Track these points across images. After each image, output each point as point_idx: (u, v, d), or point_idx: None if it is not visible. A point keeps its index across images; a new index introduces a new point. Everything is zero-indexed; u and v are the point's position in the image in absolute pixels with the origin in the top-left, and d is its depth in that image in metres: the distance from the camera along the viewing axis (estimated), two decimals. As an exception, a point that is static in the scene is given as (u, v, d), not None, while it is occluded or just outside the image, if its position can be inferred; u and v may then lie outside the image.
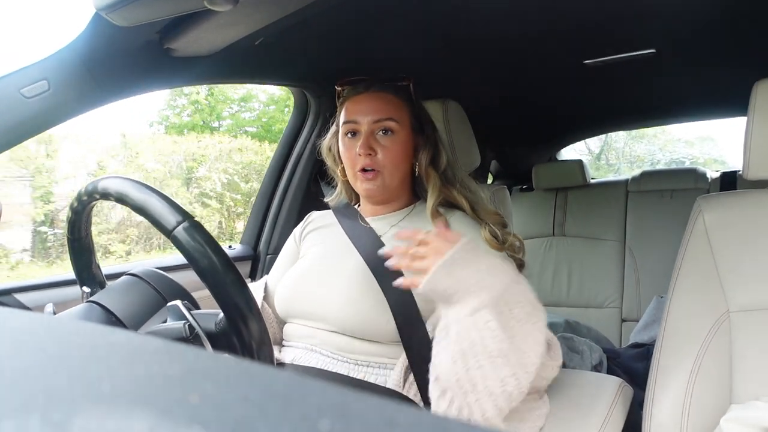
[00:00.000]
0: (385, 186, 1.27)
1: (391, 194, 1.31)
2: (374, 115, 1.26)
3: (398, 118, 1.27)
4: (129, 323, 0.90)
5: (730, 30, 1.62)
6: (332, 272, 1.26)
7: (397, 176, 1.28)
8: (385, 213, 1.34)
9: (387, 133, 1.26)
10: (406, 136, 1.28)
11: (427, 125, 1.34)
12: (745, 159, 1.22)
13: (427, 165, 1.30)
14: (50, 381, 0.26)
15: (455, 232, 1.06)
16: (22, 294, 1.33)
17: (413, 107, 1.33)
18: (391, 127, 1.26)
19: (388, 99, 1.29)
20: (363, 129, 1.26)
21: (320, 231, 1.43)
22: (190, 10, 1.04)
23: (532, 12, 1.46)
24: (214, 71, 1.51)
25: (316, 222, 1.47)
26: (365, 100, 1.29)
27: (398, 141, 1.26)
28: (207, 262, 0.78)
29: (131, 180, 0.84)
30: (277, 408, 0.23)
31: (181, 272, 1.55)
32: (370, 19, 1.45)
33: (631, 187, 3.09)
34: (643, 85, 2.32)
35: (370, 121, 1.26)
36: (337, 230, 1.36)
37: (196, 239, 0.78)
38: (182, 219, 0.79)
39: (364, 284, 1.19)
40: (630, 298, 2.91)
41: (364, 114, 1.26)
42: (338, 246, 1.32)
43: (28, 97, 1.12)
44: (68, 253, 0.99)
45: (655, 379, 1.22)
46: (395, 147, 1.26)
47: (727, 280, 1.21)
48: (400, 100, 1.30)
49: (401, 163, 1.28)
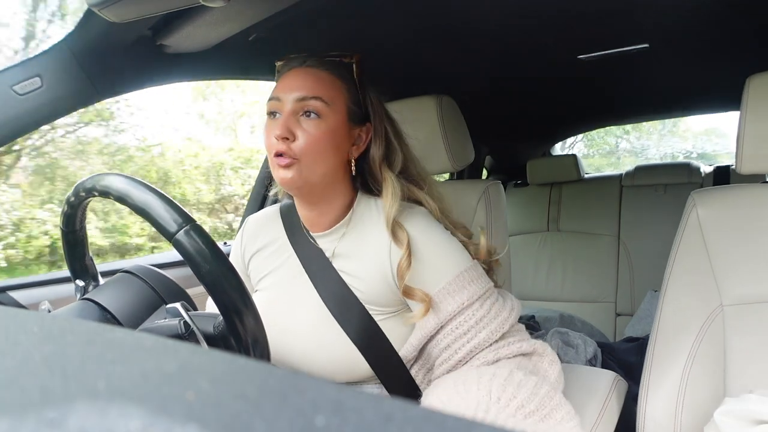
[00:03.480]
0: (303, 178, 1.05)
1: (321, 192, 1.12)
2: (299, 92, 1.05)
3: (328, 99, 1.06)
4: (124, 320, 0.90)
5: (723, 24, 1.63)
6: (292, 319, 1.14)
7: (319, 170, 1.07)
8: (327, 228, 1.16)
9: (310, 116, 1.05)
10: (336, 122, 1.07)
11: (376, 115, 1.15)
12: (738, 153, 1.22)
13: (380, 162, 1.14)
14: (45, 379, 0.26)
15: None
16: (17, 291, 1.33)
17: (355, 91, 1.12)
18: (317, 108, 1.05)
19: (321, 76, 1.08)
20: (285, 108, 1.06)
21: (268, 252, 1.24)
22: (183, 7, 1.04)
23: (526, 6, 1.45)
24: (208, 67, 1.51)
25: (257, 236, 1.28)
26: (293, 76, 1.08)
27: (324, 127, 1.05)
28: (209, 267, 0.77)
29: (133, 179, 0.82)
30: (272, 404, 0.23)
31: (175, 269, 1.55)
32: (362, 14, 1.44)
33: (625, 182, 3.11)
34: (637, 79, 2.32)
35: (293, 99, 1.05)
36: (284, 249, 1.21)
37: (199, 244, 0.78)
38: (184, 223, 0.78)
39: (327, 329, 1.09)
40: (624, 293, 2.93)
41: (288, 90, 1.06)
42: (292, 277, 1.17)
43: (20, 94, 1.12)
44: (62, 246, 0.98)
45: (649, 372, 1.22)
46: (319, 133, 1.05)
47: (721, 273, 1.21)
48: (337, 80, 1.10)
49: (325, 154, 1.06)
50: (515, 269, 3.06)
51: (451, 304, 1.05)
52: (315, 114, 1.05)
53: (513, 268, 2.53)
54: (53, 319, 0.38)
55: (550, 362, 1.05)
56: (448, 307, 1.05)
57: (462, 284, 1.06)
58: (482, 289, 1.07)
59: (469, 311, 1.04)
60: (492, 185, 1.64)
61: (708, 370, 1.18)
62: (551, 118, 3.09)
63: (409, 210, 1.13)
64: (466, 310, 1.04)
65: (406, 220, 1.10)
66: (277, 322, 1.11)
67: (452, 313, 1.04)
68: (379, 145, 1.14)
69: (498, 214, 1.60)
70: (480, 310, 1.05)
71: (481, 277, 1.10)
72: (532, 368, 1.03)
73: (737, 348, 1.17)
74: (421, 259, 1.07)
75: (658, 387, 1.20)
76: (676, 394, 1.17)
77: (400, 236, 1.07)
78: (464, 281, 1.06)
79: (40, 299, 1.02)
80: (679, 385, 1.17)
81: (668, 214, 2.70)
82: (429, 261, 1.08)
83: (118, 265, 1.52)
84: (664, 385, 1.19)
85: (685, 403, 1.16)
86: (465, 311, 1.04)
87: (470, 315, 1.04)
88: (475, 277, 1.08)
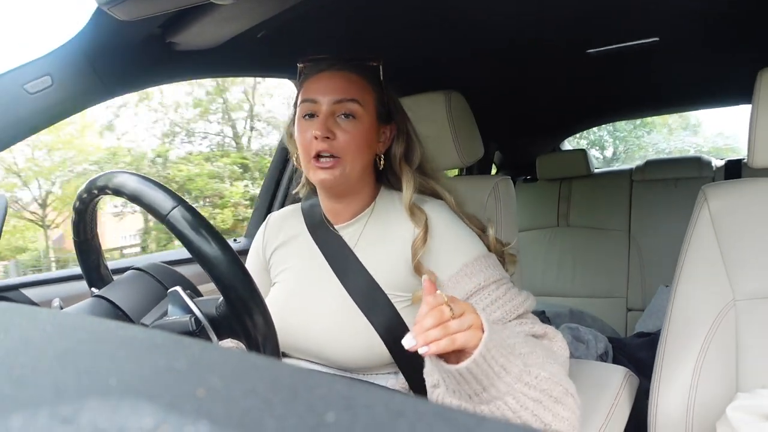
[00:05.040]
0: (345, 176, 1.11)
1: (351, 187, 1.17)
2: (335, 94, 1.10)
3: (362, 101, 1.12)
4: (135, 317, 0.90)
5: (733, 18, 1.61)
6: (314, 306, 1.17)
7: (358, 166, 1.13)
8: (349, 218, 1.21)
9: (348, 117, 1.11)
10: (370, 122, 1.14)
11: (397, 114, 1.21)
12: (750, 147, 1.21)
13: (400, 159, 1.20)
14: (58, 376, 0.26)
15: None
16: (29, 289, 1.34)
17: (381, 92, 1.18)
18: (354, 110, 1.11)
19: (353, 79, 1.14)
20: (322, 110, 1.10)
21: (289, 247, 1.29)
22: (192, 4, 1.04)
23: (535, 1, 1.45)
24: (217, 65, 1.51)
25: (279, 231, 1.33)
26: (326, 78, 1.13)
27: (361, 126, 1.11)
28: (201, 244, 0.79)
29: (126, 172, 0.86)
30: (283, 400, 0.23)
31: (186, 266, 1.55)
32: (372, 10, 1.44)
33: (636, 177, 3.09)
34: (646, 73, 2.31)
35: (330, 101, 1.10)
36: (306, 244, 1.24)
37: (190, 221, 0.79)
38: (176, 204, 0.80)
39: (349, 316, 1.12)
40: (635, 288, 2.91)
41: (323, 93, 1.11)
42: (313, 269, 1.21)
43: (31, 92, 1.13)
44: (76, 255, 1.00)
45: (660, 368, 1.22)
46: (357, 133, 1.11)
47: (733, 268, 1.21)
48: (366, 83, 1.15)
49: (364, 151, 1.13)
50: (525, 265, 3.05)
51: (468, 284, 1.07)
52: (352, 116, 1.11)
53: (523, 264, 2.52)
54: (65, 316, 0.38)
55: (559, 346, 1.06)
56: (465, 287, 1.07)
57: (479, 268, 1.09)
58: (498, 275, 1.10)
59: (485, 292, 1.07)
60: (501, 181, 1.63)
61: (720, 365, 1.17)
62: (560, 113, 3.08)
63: (428, 200, 1.19)
64: (482, 291, 1.07)
65: (425, 206, 1.16)
66: (298, 311, 1.17)
67: (469, 292, 1.06)
68: (401, 142, 1.20)
69: (508, 210, 1.59)
70: (495, 293, 1.07)
71: (497, 265, 1.13)
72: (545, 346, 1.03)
73: (750, 343, 1.17)
74: (438, 240, 1.12)
75: (669, 382, 1.19)
76: (688, 390, 1.17)
77: (419, 215, 1.13)
78: (481, 266, 1.09)
79: (52, 297, 1.02)
80: (690, 380, 1.17)
81: (679, 209, 2.68)
82: (446, 243, 1.12)
83: (129, 262, 1.52)
84: (676, 380, 1.19)
85: (697, 398, 1.16)
86: (480, 292, 1.07)
87: (485, 296, 1.06)
88: (492, 264, 1.11)
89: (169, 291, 0.91)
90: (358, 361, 1.12)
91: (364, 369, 1.14)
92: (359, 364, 1.13)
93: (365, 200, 1.22)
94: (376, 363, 1.12)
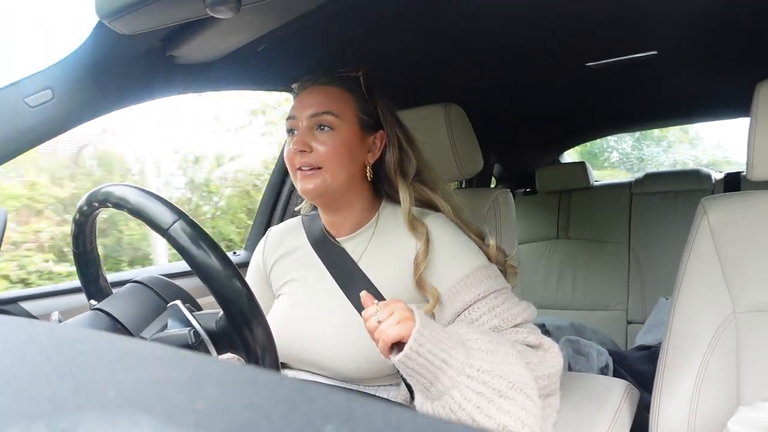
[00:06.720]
0: (327, 185, 1.13)
1: (342, 198, 1.19)
2: (311, 108, 1.14)
3: (339, 112, 1.15)
4: (135, 331, 0.90)
5: (732, 31, 1.62)
6: (317, 317, 1.18)
7: (342, 176, 1.14)
8: (351, 231, 1.23)
9: (324, 129, 1.14)
10: (349, 132, 1.16)
11: (387, 123, 1.22)
12: (749, 160, 1.21)
13: (394, 168, 1.21)
14: (56, 388, 0.26)
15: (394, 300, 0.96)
16: (28, 302, 1.33)
17: (364, 101, 1.20)
18: (329, 121, 1.14)
19: (331, 92, 1.17)
20: (299, 125, 1.15)
21: (291, 258, 1.31)
22: (193, 18, 1.05)
23: (534, 14, 1.45)
24: (217, 78, 1.51)
25: (280, 244, 1.34)
26: (306, 95, 1.17)
27: (338, 137, 1.14)
28: (202, 258, 0.79)
29: (127, 185, 0.86)
30: (282, 413, 0.23)
31: (185, 279, 1.55)
32: (371, 24, 1.45)
33: (635, 189, 3.09)
34: (646, 86, 2.31)
35: (307, 116, 1.14)
36: (307, 257, 1.26)
37: (191, 235, 0.79)
38: (177, 217, 0.81)
39: (353, 327, 1.11)
40: (635, 300, 2.91)
41: (301, 109, 1.16)
42: (317, 280, 1.22)
43: (32, 106, 1.13)
44: (75, 267, 0.99)
45: (661, 381, 1.21)
46: (334, 143, 1.13)
47: (733, 281, 1.20)
48: (346, 93, 1.18)
49: (345, 161, 1.15)
50: (525, 277, 3.05)
51: (468, 295, 1.08)
52: (328, 127, 1.14)
53: (523, 277, 2.53)
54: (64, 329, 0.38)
55: (553, 357, 1.07)
56: (465, 298, 1.08)
57: (479, 279, 1.10)
58: (498, 285, 1.11)
59: (484, 301, 1.08)
60: (501, 193, 1.64)
61: (721, 378, 1.17)
62: (560, 125, 3.08)
63: (429, 213, 1.21)
64: (481, 300, 1.08)
65: (426, 219, 1.18)
66: (302, 322, 1.19)
67: (468, 303, 1.08)
68: (393, 151, 1.21)
69: (507, 222, 1.59)
70: (493, 302, 1.08)
71: (497, 275, 1.14)
72: (534, 359, 1.03)
73: (750, 356, 1.16)
74: (439, 252, 1.13)
75: (670, 396, 1.19)
76: (689, 403, 1.16)
77: (420, 229, 1.15)
78: (481, 276, 1.11)
79: (50, 310, 1.02)
80: (691, 393, 1.16)
81: (678, 221, 2.68)
82: (447, 255, 1.13)
83: (129, 275, 1.52)
84: (677, 393, 1.18)
85: (698, 411, 1.15)
86: (480, 301, 1.08)
87: (484, 303, 1.08)
88: (492, 274, 1.13)
89: (168, 305, 0.91)
90: (362, 372, 1.12)
91: (366, 380, 1.15)
92: (362, 375, 1.13)
93: (365, 213, 1.23)
94: (379, 374, 1.12)
